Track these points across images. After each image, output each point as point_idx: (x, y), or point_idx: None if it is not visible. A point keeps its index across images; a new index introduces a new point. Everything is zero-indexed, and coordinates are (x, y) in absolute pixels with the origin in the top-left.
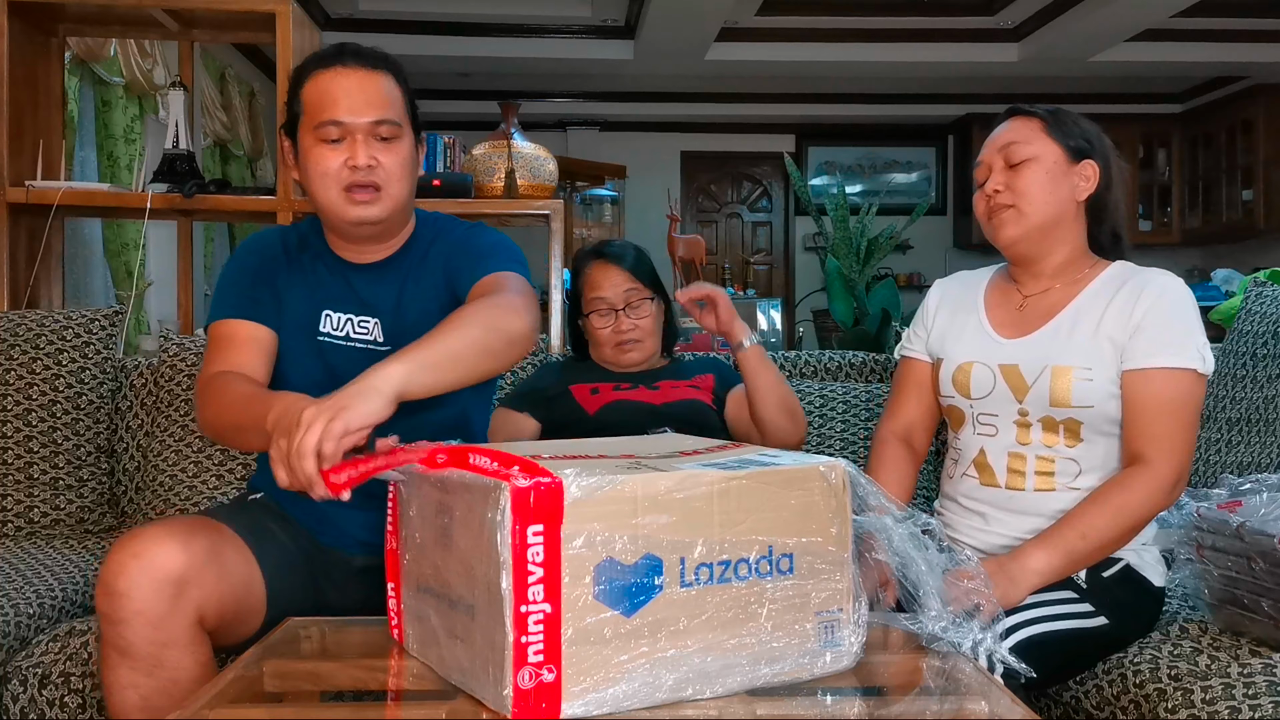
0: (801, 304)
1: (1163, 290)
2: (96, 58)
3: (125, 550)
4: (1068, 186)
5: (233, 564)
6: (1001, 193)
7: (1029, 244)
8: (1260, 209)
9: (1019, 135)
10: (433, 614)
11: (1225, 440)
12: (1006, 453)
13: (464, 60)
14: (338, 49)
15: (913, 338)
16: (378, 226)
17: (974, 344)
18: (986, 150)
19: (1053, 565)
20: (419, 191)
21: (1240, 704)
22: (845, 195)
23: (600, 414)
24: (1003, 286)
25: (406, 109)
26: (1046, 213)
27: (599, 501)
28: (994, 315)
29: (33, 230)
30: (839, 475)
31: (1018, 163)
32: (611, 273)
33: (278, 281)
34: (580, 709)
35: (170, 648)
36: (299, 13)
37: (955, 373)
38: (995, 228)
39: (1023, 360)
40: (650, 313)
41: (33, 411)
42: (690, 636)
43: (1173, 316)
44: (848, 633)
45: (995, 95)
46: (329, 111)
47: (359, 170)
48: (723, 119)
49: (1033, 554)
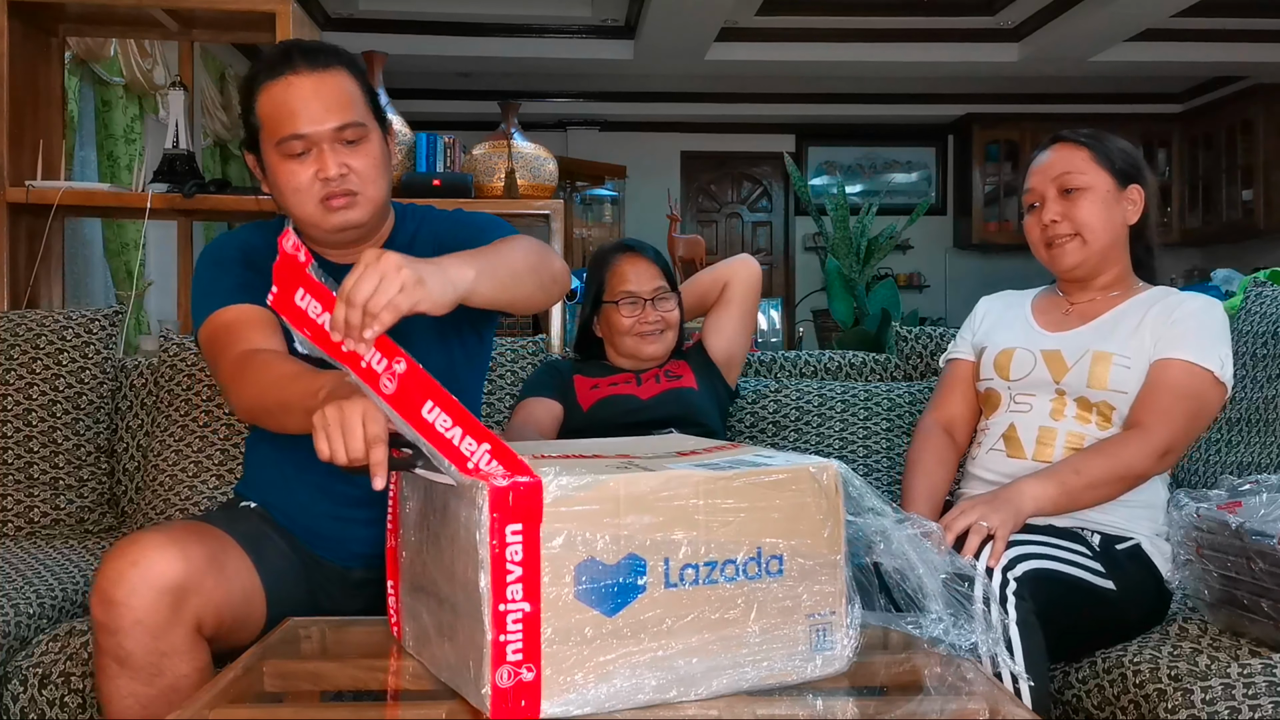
0: (801, 304)
1: (1202, 304)
2: (96, 58)
3: (123, 558)
4: (1120, 212)
5: (232, 570)
6: (1060, 222)
7: (1087, 269)
8: (1260, 209)
9: (1071, 164)
10: (425, 612)
11: (1225, 440)
12: (1038, 427)
13: (464, 60)
14: (284, 52)
15: (959, 341)
16: (360, 229)
17: (1019, 334)
18: (1036, 178)
19: (1048, 493)
20: (419, 192)
21: (1240, 704)
22: (845, 195)
23: (592, 410)
24: (1050, 297)
25: (367, 102)
26: (1104, 240)
27: (579, 501)
28: (1040, 317)
29: (33, 230)
30: (830, 476)
31: (1072, 190)
32: (641, 265)
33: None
34: (560, 709)
35: (170, 656)
36: (299, 13)
37: (997, 356)
38: (1056, 256)
39: (1065, 347)
40: (674, 309)
41: (33, 411)
42: (675, 638)
43: (1204, 324)
44: (840, 636)
45: (995, 95)
46: (289, 125)
47: (332, 181)
48: (723, 119)
49: (1028, 482)
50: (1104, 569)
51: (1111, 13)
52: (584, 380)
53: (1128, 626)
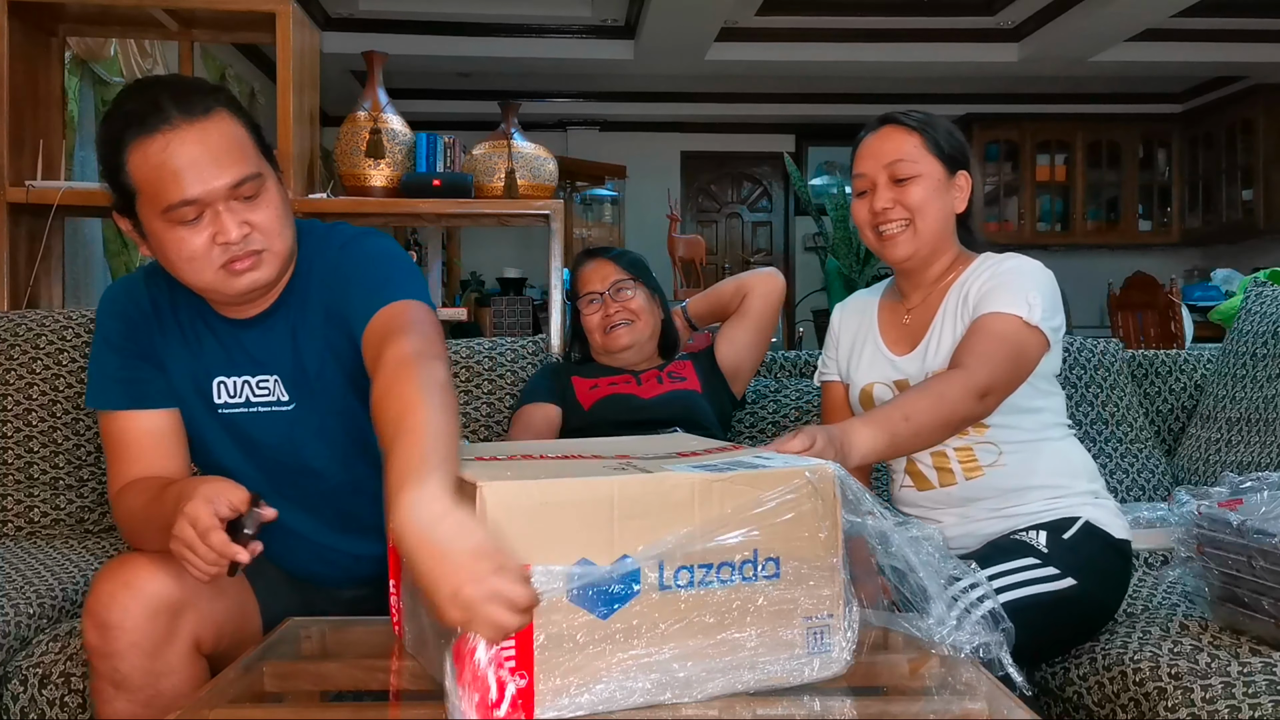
0: (801, 304)
1: (1015, 261)
2: (96, 58)
3: (115, 579)
4: (949, 200)
5: (225, 585)
6: (892, 208)
7: (919, 259)
8: (1260, 209)
9: (902, 150)
10: (424, 613)
11: (1225, 440)
12: (929, 454)
13: (464, 60)
14: (152, 101)
15: (827, 362)
16: (269, 286)
17: (872, 366)
18: (869, 163)
19: (877, 446)
20: (419, 192)
21: (1240, 703)
22: (845, 195)
23: (594, 409)
24: (891, 304)
25: (256, 144)
26: (935, 228)
27: (574, 504)
28: (886, 334)
29: (33, 230)
30: (826, 478)
31: (904, 179)
32: (599, 266)
33: (156, 351)
34: (553, 711)
35: (166, 677)
36: (299, 13)
37: (860, 395)
38: (888, 246)
39: (911, 374)
40: (636, 296)
41: (33, 411)
42: (669, 640)
43: (1010, 277)
44: (838, 639)
45: (995, 95)
46: (174, 191)
47: (234, 245)
48: (723, 119)
49: (858, 429)
50: (1059, 569)
51: (1111, 13)
52: (583, 381)
53: (1104, 610)
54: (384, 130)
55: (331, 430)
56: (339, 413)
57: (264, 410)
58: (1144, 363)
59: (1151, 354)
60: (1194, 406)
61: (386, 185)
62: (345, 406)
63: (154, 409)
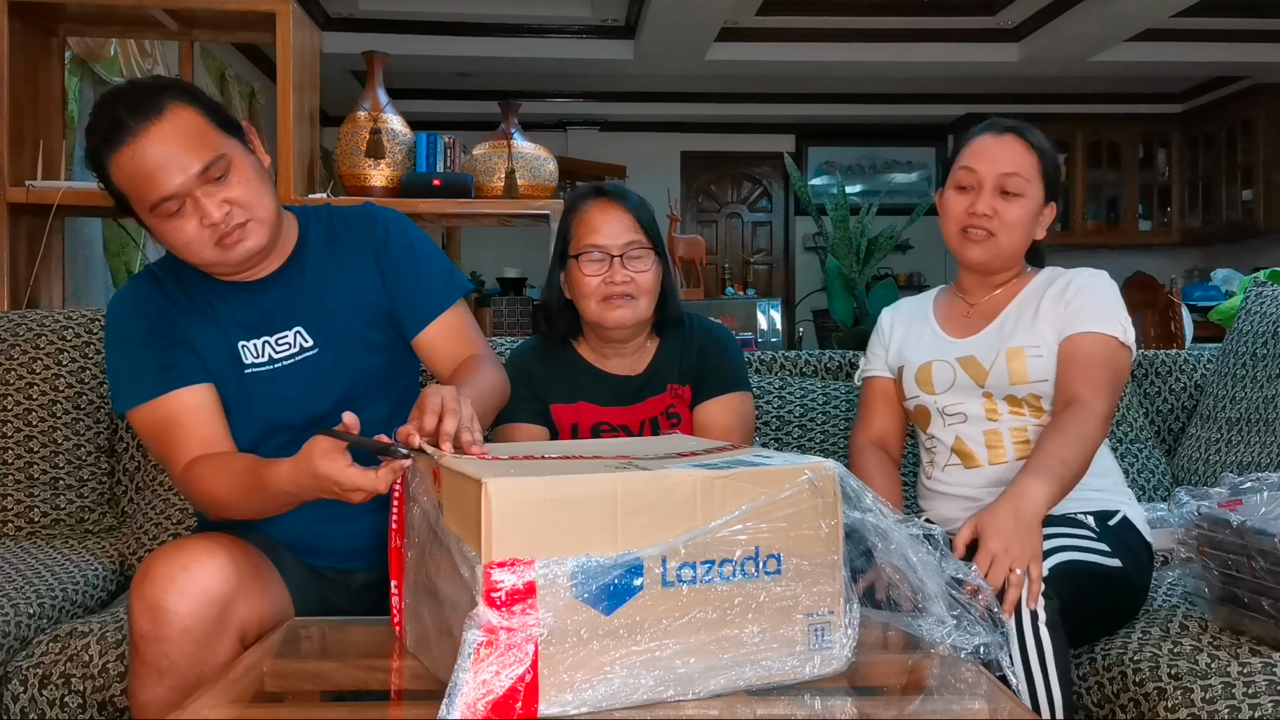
0: (801, 304)
1: (1090, 276)
2: (96, 58)
3: (173, 562)
4: (1035, 226)
5: (269, 579)
6: (991, 218)
7: (991, 267)
8: (1260, 209)
9: (1019, 166)
10: (427, 612)
11: (1225, 440)
12: (982, 432)
13: (464, 60)
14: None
15: (872, 358)
16: (264, 251)
17: (930, 347)
18: (982, 162)
19: (1051, 492)
20: (419, 192)
21: (1240, 703)
22: (845, 195)
23: None
24: (949, 300)
25: (215, 122)
26: (1014, 247)
27: (577, 501)
28: (945, 323)
29: (33, 230)
30: (827, 476)
31: (1011, 193)
32: (613, 215)
33: (185, 335)
34: (557, 708)
35: (212, 668)
36: (299, 13)
37: (917, 373)
38: (968, 246)
39: (978, 350)
40: (650, 269)
41: (33, 411)
42: (672, 637)
43: (1097, 295)
44: (838, 636)
45: (995, 95)
46: (152, 190)
47: (219, 224)
48: (723, 119)
49: (1030, 484)
50: (1109, 548)
51: (1111, 13)
52: (563, 410)
53: (1135, 602)
54: (384, 130)
55: (347, 374)
56: (353, 357)
57: (287, 364)
58: (1144, 363)
59: (1151, 354)
60: (1194, 407)
61: (386, 185)
62: (359, 352)
63: (196, 384)
